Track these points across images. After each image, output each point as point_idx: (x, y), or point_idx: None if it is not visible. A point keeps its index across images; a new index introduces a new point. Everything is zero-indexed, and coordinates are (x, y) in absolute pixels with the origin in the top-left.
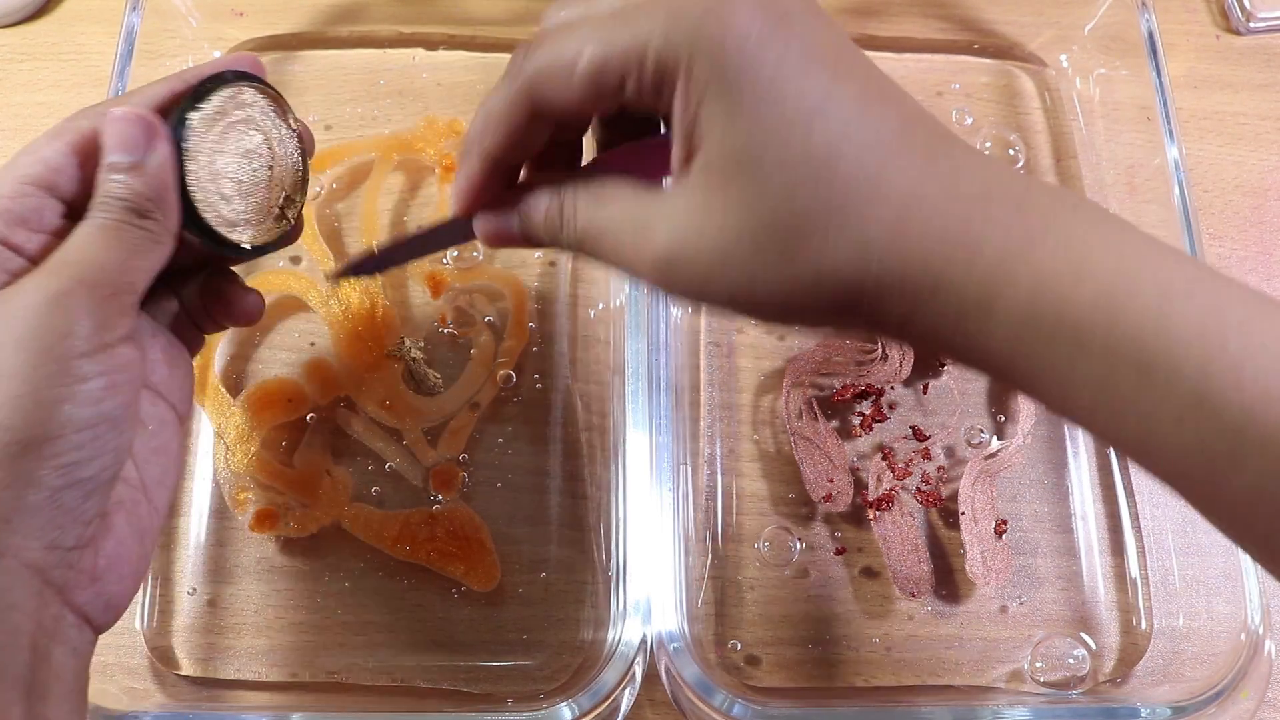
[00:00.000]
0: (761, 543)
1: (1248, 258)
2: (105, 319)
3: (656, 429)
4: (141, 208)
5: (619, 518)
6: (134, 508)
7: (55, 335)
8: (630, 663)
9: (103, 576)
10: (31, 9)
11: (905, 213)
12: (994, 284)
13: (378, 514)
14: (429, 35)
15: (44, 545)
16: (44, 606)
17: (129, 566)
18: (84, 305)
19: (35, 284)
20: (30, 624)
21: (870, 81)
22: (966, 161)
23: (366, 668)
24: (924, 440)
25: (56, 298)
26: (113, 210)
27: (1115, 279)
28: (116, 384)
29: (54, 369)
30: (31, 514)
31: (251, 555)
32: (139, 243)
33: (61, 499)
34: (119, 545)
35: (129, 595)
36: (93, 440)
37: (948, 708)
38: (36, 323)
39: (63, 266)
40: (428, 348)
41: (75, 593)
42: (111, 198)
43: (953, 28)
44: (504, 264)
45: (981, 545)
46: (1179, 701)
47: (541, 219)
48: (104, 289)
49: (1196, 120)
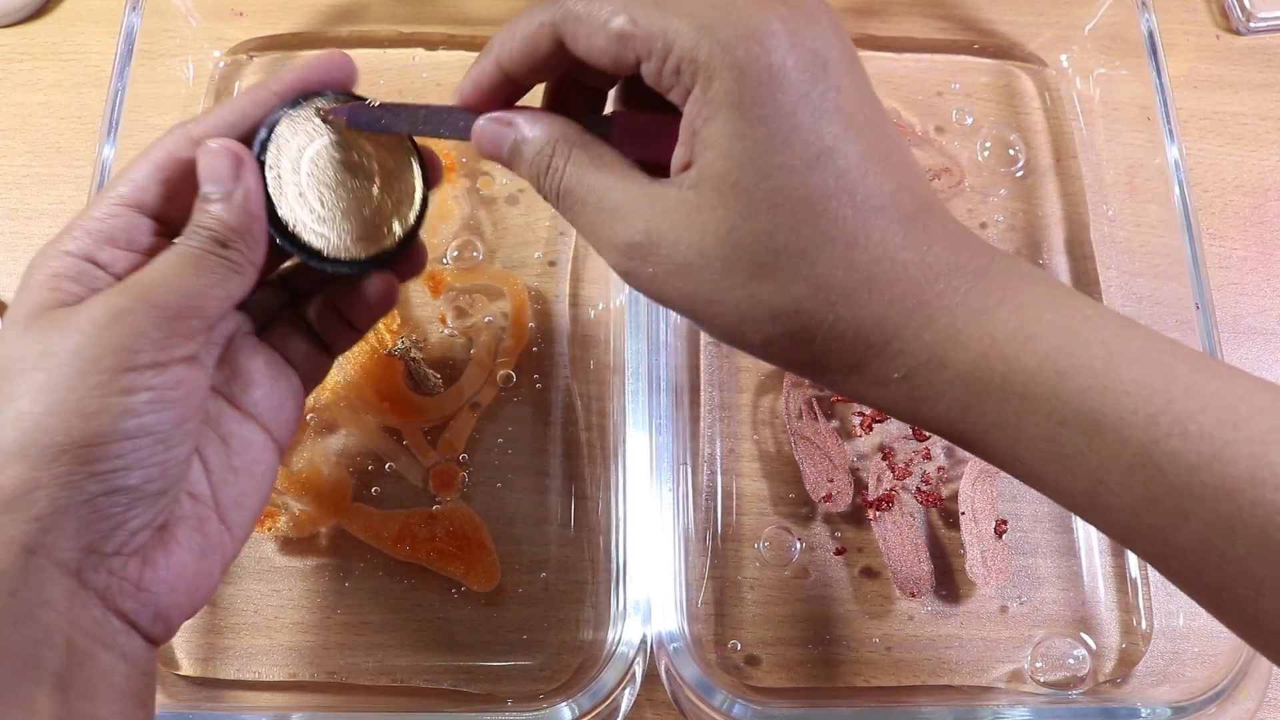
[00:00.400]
0: (761, 543)
1: (1248, 258)
2: (163, 339)
3: (656, 429)
4: (225, 238)
5: (619, 518)
6: (201, 524)
7: (107, 348)
8: (630, 663)
9: (150, 587)
10: (31, 9)
11: (874, 270)
12: (945, 345)
13: (378, 514)
14: (429, 35)
15: (79, 548)
16: (81, 607)
17: (184, 583)
18: (143, 323)
19: (103, 298)
20: (63, 621)
21: (879, 140)
22: (942, 232)
23: (366, 668)
24: (924, 440)
25: (118, 313)
26: (196, 239)
27: (1064, 342)
28: (166, 400)
29: (102, 379)
30: (67, 516)
31: (251, 555)
32: (216, 270)
33: (99, 505)
34: (174, 559)
35: (183, 610)
36: (133, 451)
37: (948, 708)
38: (94, 335)
39: (133, 285)
40: (427, 347)
41: (119, 600)
42: (199, 227)
43: (953, 28)
44: (504, 264)
45: (981, 545)
46: (1179, 701)
47: (531, 156)
48: (168, 310)
49: (1196, 120)
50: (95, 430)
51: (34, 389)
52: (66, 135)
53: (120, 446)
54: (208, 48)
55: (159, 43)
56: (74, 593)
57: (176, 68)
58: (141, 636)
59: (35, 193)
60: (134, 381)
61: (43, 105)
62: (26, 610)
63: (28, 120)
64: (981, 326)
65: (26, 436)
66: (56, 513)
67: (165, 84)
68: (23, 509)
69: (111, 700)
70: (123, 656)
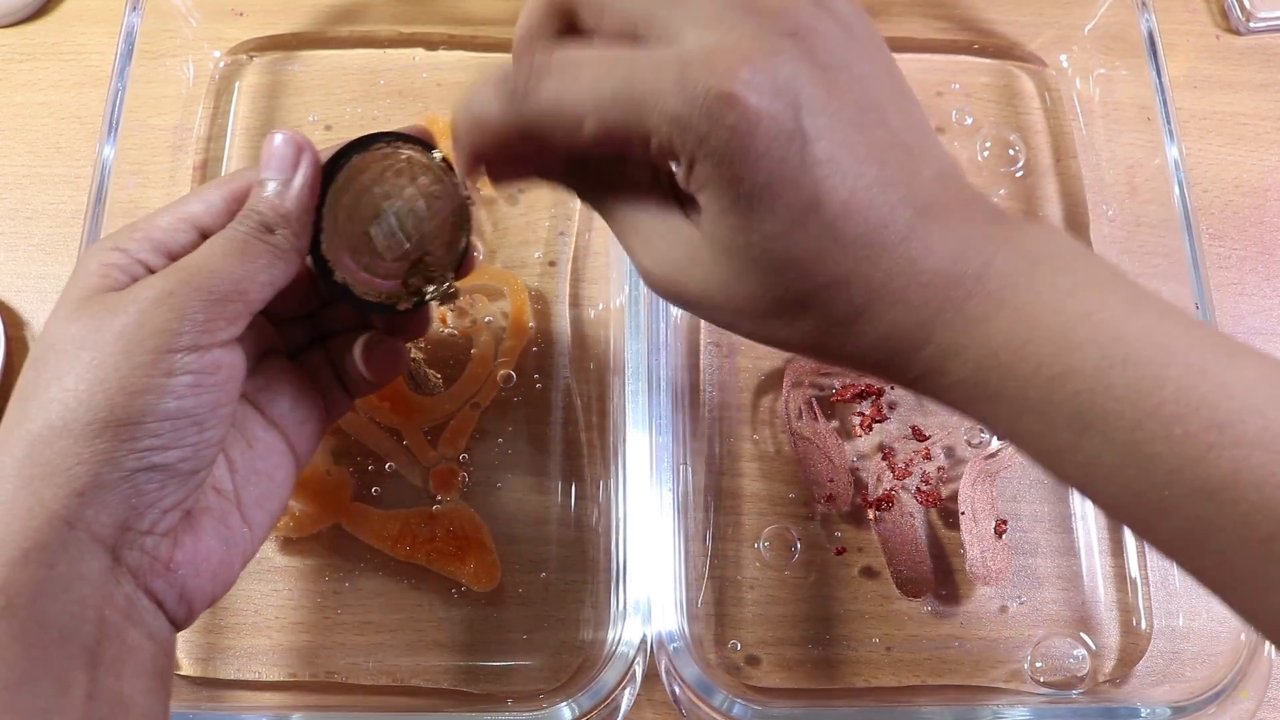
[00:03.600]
0: (761, 543)
1: (1248, 258)
2: (206, 322)
3: (656, 429)
4: (271, 221)
5: (619, 518)
6: (224, 517)
7: (151, 329)
8: (630, 663)
9: (179, 568)
10: (31, 9)
11: (872, 302)
12: (942, 359)
13: (378, 514)
14: (429, 35)
15: (116, 523)
16: (114, 583)
17: (208, 568)
18: (187, 306)
19: (149, 282)
20: (97, 596)
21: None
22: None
23: (366, 668)
24: (924, 440)
25: (163, 296)
26: (245, 224)
27: (1058, 349)
28: (205, 384)
29: (145, 359)
30: (107, 491)
31: None
32: (259, 254)
33: (137, 481)
34: (200, 544)
35: (206, 596)
36: (172, 430)
37: (948, 708)
38: (139, 316)
39: (180, 269)
40: (428, 348)
41: (150, 578)
42: (251, 211)
43: (953, 28)
44: (504, 264)
45: (981, 545)
46: (1179, 701)
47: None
48: (211, 293)
49: (1196, 120)
50: (138, 409)
51: (79, 366)
52: (66, 135)
53: (159, 425)
54: (208, 48)
55: (159, 43)
56: (109, 569)
57: (176, 68)
58: (166, 617)
59: (35, 193)
60: (176, 363)
61: (43, 105)
62: (65, 584)
63: (28, 120)
64: (977, 337)
65: (70, 413)
66: (97, 488)
67: (165, 84)
68: (65, 483)
69: (138, 677)
70: (150, 635)
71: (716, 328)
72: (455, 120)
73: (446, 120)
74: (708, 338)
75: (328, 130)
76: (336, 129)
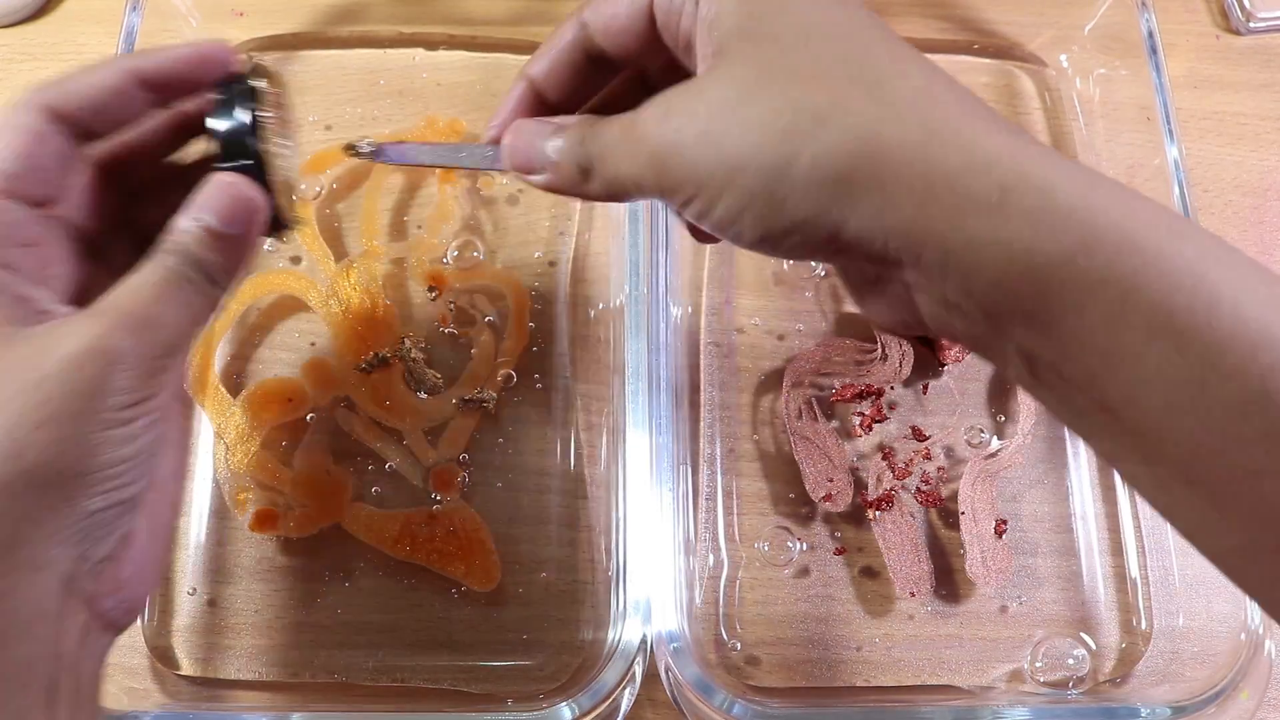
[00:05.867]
0: (761, 543)
1: None
2: (150, 378)
3: (656, 429)
4: (218, 277)
5: (619, 518)
6: (153, 507)
7: (94, 385)
8: (630, 663)
9: (127, 585)
10: (31, 9)
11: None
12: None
13: (378, 514)
14: (429, 35)
15: (73, 558)
16: (70, 615)
17: (150, 569)
18: (128, 363)
19: (73, 330)
20: (52, 631)
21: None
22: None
23: (366, 668)
24: (924, 440)
25: (108, 353)
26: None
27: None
28: (155, 421)
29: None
30: (70, 528)
31: (251, 555)
32: (204, 310)
33: (101, 517)
34: (141, 550)
35: (147, 595)
36: (133, 469)
37: (948, 708)
38: (74, 372)
39: (116, 315)
40: (427, 348)
41: (101, 601)
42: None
43: (953, 28)
44: (504, 264)
45: (981, 545)
46: (1179, 701)
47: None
48: (155, 349)
49: (1196, 120)
50: (99, 461)
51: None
52: None
53: (119, 469)
54: None
55: (159, 43)
56: (64, 601)
57: None
58: (113, 633)
59: None
60: (127, 414)
61: None
62: (25, 627)
63: None
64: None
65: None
66: (61, 528)
67: None
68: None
69: (90, 701)
70: (98, 657)
71: (716, 328)
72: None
73: (446, 120)
74: (708, 338)
75: (328, 130)
76: (336, 129)
